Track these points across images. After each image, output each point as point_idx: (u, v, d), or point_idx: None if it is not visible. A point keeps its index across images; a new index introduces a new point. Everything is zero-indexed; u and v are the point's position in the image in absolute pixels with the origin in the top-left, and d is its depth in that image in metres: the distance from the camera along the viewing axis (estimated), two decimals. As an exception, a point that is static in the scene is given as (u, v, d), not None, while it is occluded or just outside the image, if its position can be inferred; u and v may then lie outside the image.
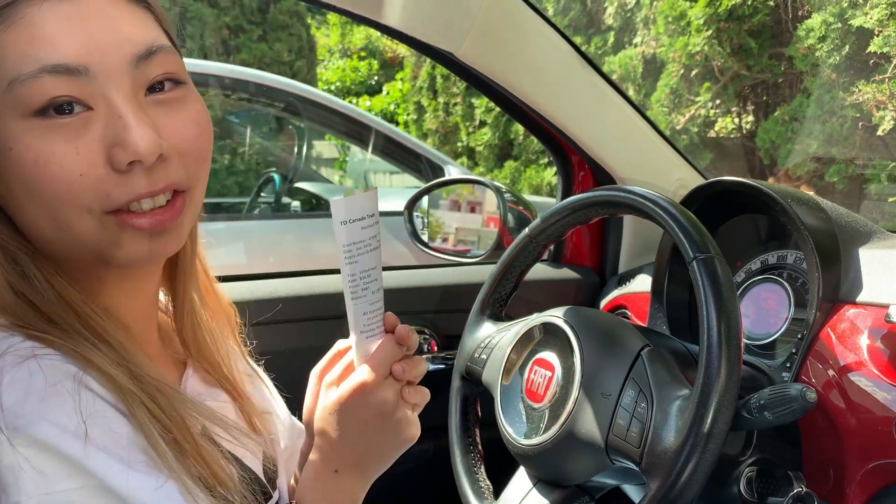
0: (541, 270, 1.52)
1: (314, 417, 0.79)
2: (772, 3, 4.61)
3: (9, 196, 0.62)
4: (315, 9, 9.66)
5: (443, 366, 1.39)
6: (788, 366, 0.94)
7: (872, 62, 3.88)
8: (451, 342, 1.41)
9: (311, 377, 0.83)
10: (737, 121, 5.18)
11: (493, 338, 0.99)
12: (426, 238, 1.50)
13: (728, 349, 0.73)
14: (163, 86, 0.64)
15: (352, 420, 0.75)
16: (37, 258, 0.64)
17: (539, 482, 0.89)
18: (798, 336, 0.95)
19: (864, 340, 0.89)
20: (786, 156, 4.56)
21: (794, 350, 0.94)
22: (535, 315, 0.95)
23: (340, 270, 0.73)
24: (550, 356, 0.88)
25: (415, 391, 0.78)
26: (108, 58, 0.60)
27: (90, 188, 0.59)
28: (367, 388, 0.74)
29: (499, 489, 0.94)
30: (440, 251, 1.48)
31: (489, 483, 0.98)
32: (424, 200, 1.50)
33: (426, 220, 1.51)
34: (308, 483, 0.78)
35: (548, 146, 1.53)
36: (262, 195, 3.57)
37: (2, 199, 0.63)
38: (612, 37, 6.03)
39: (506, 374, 0.93)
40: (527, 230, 1.00)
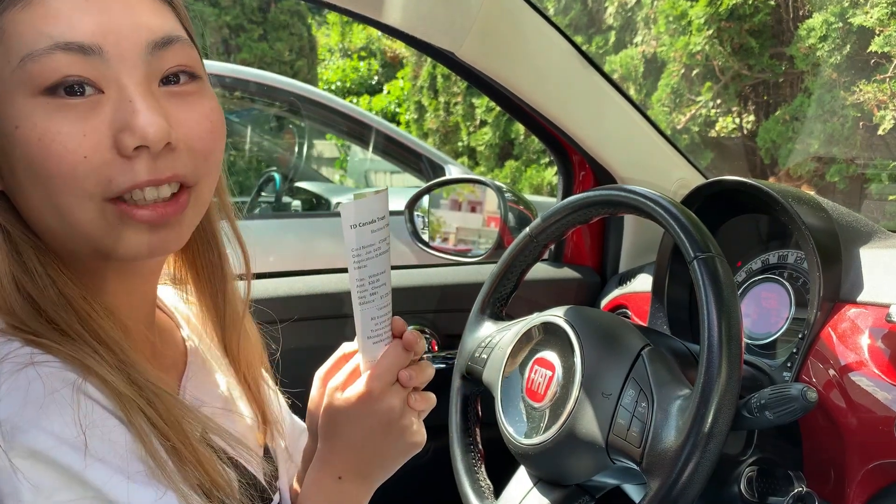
0: (541, 270, 1.52)
1: (317, 422, 0.77)
2: (773, 3, 4.60)
3: (13, 181, 0.61)
4: (316, 8, 9.68)
5: (443, 365, 1.38)
6: (789, 365, 0.94)
7: (873, 62, 3.88)
8: (452, 342, 1.41)
9: (315, 380, 0.81)
10: (738, 120, 5.17)
11: (494, 337, 0.99)
12: (427, 237, 1.50)
13: (729, 349, 0.73)
14: (178, 78, 0.63)
15: (357, 427, 0.73)
16: (41, 252, 0.63)
17: (539, 482, 0.89)
18: (799, 336, 0.95)
19: (865, 340, 0.89)
20: (787, 155, 4.56)
21: (795, 350, 0.94)
22: (536, 314, 0.95)
23: (349, 274, 0.70)
24: (551, 356, 0.88)
25: (421, 398, 0.76)
26: (124, 41, 0.59)
27: (93, 172, 0.58)
28: (374, 395, 0.72)
29: (499, 489, 0.94)
30: (441, 251, 1.48)
31: (489, 482, 0.98)
32: (425, 200, 1.50)
33: (427, 220, 1.51)
34: (310, 490, 0.77)
35: (548, 146, 1.53)
36: (263, 194, 3.56)
37: (8, 188, 0.62)
38: (613, 36, 6.03)
39: (506, 374, 0.93)
40: (527, 230, 1.00)
